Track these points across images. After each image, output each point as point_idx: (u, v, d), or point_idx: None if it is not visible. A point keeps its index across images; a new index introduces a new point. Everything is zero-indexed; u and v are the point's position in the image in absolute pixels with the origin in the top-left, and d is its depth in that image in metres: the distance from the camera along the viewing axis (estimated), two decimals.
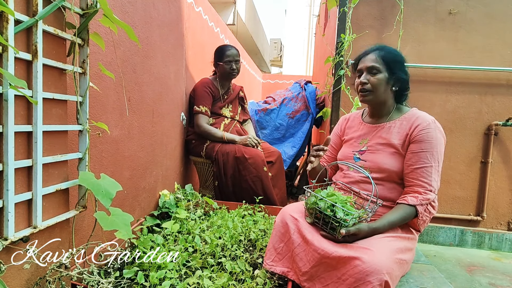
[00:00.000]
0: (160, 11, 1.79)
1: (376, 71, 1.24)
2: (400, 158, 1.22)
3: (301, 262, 1.09)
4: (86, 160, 1.05)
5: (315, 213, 1.12)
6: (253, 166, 2.07)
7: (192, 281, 1.16)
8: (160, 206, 1.82)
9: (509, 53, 2.13)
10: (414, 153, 1.18)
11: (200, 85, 2.25)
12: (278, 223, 1.21)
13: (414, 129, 1.20)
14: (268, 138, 3.02)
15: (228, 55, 2.23)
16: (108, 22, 0.98)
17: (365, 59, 1.28)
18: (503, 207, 2.20)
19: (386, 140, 1.25)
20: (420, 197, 1.14)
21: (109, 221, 0.94)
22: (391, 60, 1.25)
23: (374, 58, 1.26)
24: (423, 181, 1.15)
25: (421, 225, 1.19)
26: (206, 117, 2.21)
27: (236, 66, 2.26)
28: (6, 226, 0.81)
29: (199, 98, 2.21)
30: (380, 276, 0.91)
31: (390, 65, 1.25)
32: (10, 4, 0.78)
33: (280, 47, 16.78)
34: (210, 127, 2.18)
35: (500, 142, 2.17)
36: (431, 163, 1.15)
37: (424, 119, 1.21)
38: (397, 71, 1.25)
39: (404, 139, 1.22)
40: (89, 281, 1.00)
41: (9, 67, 0.78)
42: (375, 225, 1.10)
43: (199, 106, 2.19)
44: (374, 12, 2.20)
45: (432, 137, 1.17)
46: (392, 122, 1.28)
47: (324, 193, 1.12)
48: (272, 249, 1.19)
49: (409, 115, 1.26)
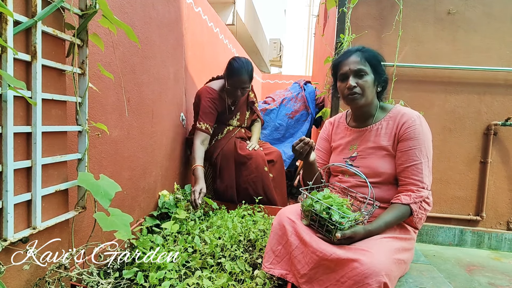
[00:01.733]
0: (159, 11, 1.79)
1: (363, 73, 1.21)
2: (392, 160, 1.22)
3: (300, 265, 1.09)
4: (85, 161, 1.05)
5: (311, 215, 1.12)
6: (254, 166, 2.06)
7: (191, 281, 1.16)
8: (160, 206, 1.82)
9: (507, 53, 2.13)
10: (403, 151, 1.18)
11: (206, 98, 2.11)
12: (275, 225, 1.21)
13: (400, 128, 1.20)
14: (268, 138, 3.02)
15: (235, 81, 2.05)
16: (107, 22, 0.98)
17: (348, 61, 1.24)
18: (503, 207, 2.21)
19: (376, 143, 1.24)
20: (413, 195, 1.14)
21: (108, 221, 0.94)
22: (375, 61, 1.23)
23: (358, 60, 1.22)
24: (415, 179, 1.15)
25: (417, 222, 1.19)
26: (204, 134, 2.06)
27: (242, 92, 2.11)
28: (5, 227, 0.81)
29: (202, 113, 2.09)
30: (379, 278, 0.91)
31: (375, 66, 1.23)
32: (9, 5, 0.78)
33: (279, 47, 16.78)
34: (197, 150, 2.00)
35: (499, 142, 2.18)
36: (421, 159, 1.15)
37: (409, 116, 1.21)
38: (381, 71, 1.24)
39: (393, 139, 1.21)
40: (89, 282, 1.00)
41: (8, 68, 0.78)
42: (371, 227, 1.09)
43: (199, 122, 2.07)
44: (373, 12, 2.20)
45: (419, 133, 1.17)
46: (379, 123, 1.27)
47: (320, 195, 1.12)
48: (270, 252, 1.19)
49: (394, 113, 1.25)
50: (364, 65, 1.22)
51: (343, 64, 1.26)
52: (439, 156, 2.22)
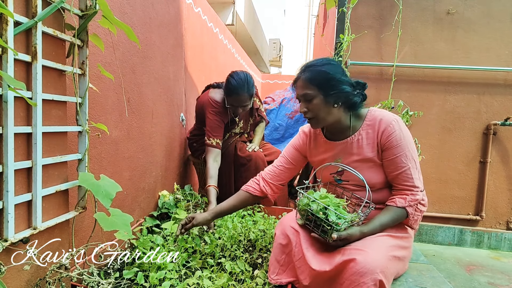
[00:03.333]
0: (159, 11, 1.79)
1: (309, 97, 1.14)
2: (380, 168, 1.20)
3: (302, 275, 1.09)
4: (85, 161, 1.05)
5: (306, 214, 1.11)
6: (254, 167, 2.06)
7: (192, 281, 1.16)
8: (160, 206, 1.82)
9: (506, 52, 2.13)
10: (389, 160, 1.16)
11: (211, 111, 2.02)
12: (278, 235, 1.19)
13: (381, 136, 1.17)
14: (268, 138, 3.03)
15: (235, 99, 1.96)
16: (107, 23, 0.98)
17: (296, 85, 1.20)
18: (502, 206, 2.21)
19: (360, 156, 1.20)
20: (408, 198, 1.14)
21: (109, 221, 0.94)
22: (320, 80, 1.14)
23: (302, 84, 1.16)
24: (407, 185, 1.15)
25: (413, 224, 1.19)
26: (216, 150, 1.98)
27: (244, 109, 2.03)
28: (6, 227, 0.81)
29: (210, 128, 2.01)
30: (374, 276, 0.92)
31: (322, 85, 1.13)
32: (10, 5, 0.78)
33: (279, 47, 16.79)
34: (210, 168, 1.91)
35: (499, 141, 2.18)
36: (408, 164, 1.14)
37: (387, 122, 1.16)
38: (332, 88, 1.13)
39: (376, 149, 1.19)
40: (89, 282, 1.00)
41: (9, 68, 0.78)
42: (367, 229, 1.09)
43: (209, 138, 1.99)
44: (373, 12, 2.21)
45: (400, 139, 1.14)
46: (358, 133, 1.21)
47: (317, 195, 1.10)
48: (275, 262, 1.18)
49: (371, 121, 1.20)
50: (308, 89, 1.14)
51: (296, 88, 1.21)
52: (438, 156, 2.22)
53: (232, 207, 1.42)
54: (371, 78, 2.23)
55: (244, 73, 1.99)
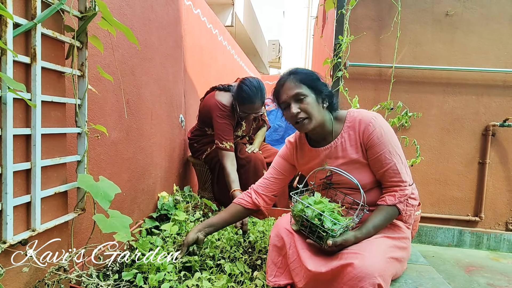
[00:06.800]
0: (158, 13, 1.79)
1: (302, 96, 1.17)
2: (367, 168, 1.20)
3: (297, 278, 1.10)
4: (84, 163, 1.05)
5: (301, 220, 1.10)
6: (253, 169, 2.06)
7: (191, 283, 1.16)
8: (159, 208, 1.82)
9: (505, 54, 2.14)
10: (374, 158, 1.17)
11: (220, 115, 2.01)
12: (273, 237, 1.20)
13: (362, 136, 1.18)
14: (267, 139, 3.03)
15: (248, 108, 1.96)
16: (107, 25, 0.98)
17: (284, 89, 1.20)
18: (501, 207, 2.21)
19: (346, 158, 1.21)
20: (398, 195, 1.14)
21: (108, 223, 0.94)
22: (310, 80, 1.19)
23: (293, 85, 1.18)
24: (395, 181, 1.15)
25: (407, 219, 1.20)
26: (232, 154, 1.98)
27: (256, 117, 2.04)
28: (4, 229, 0.81)
29: (221, 132, 1.99)
30: (373, 280, 0.92)
31: (312, 85, 1.19)
32: (9, 7, 0.78)
33: (278, 49, 16.80)
34: (230, 173, 1.91)
35: (498, 142, 2.18)
36: (393, 160, 1.14)
37: (366, 121, 1.18)
38: (319, 88, 1.19)
39: (360, 149, 1.19)
40: (88, 284, 1.00)
41: (8, 70, 0.78)
42: (361, 234, 1.08)
43: (222, 142, 1.97)
44: (371, 14, 2.21)
45: (381, 136, 1.15)
46: (340, 136, 1.22)
47: (312, 200, 1.09)
48: (272, 265, 1.19)
49: (351, 122, 1.21)
50: (300, 88, 1.17)
51: (281, 93, 1.21)
52: (437, 157, 2.23)
53: (224, 222, 1.40)
54: (370, 79, 2.23)
55: (256, 81, 1.96)
